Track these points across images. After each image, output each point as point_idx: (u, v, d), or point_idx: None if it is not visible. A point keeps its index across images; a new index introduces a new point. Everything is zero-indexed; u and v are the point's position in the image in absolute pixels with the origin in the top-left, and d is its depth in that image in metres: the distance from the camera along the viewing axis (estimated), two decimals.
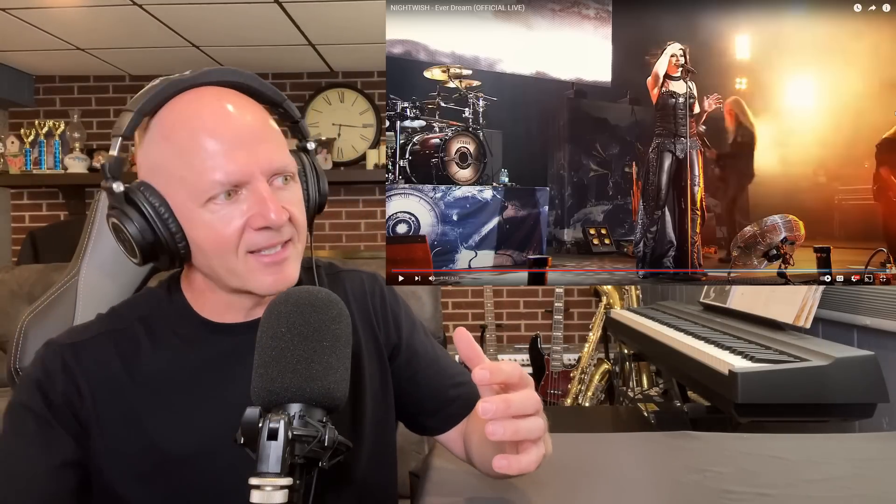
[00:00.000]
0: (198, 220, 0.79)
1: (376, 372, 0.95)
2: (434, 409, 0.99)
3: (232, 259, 0.80)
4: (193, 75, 0.82)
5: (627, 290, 3.54)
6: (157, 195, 0.79)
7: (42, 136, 3.92)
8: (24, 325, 1.04)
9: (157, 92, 0.80)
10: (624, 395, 3.16)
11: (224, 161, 0.77)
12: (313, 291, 0.71)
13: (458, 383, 1.00)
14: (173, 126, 0.80)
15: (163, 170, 0.80)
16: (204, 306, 0.88)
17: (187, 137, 0.78)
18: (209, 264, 0.82)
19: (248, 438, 0.61)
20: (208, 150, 0.77)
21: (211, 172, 0.77)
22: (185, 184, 0.78)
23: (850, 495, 0.87)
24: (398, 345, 0.98)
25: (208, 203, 0.78)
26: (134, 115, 0.78)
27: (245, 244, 0.79)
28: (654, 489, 0.91)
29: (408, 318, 1.01)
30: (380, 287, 1.00)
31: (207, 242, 0.79)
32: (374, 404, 0.94)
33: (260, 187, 0.78)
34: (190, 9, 3.00)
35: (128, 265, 1.09)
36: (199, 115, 0.79)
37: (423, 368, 0.99)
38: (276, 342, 0.66)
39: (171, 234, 0.79)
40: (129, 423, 0.81)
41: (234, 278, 0.82)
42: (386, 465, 0.98)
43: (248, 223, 0.79)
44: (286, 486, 0.59)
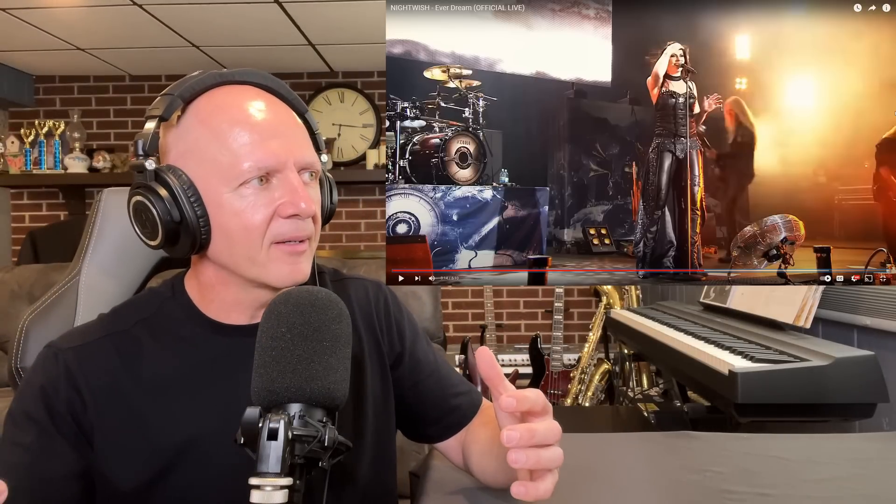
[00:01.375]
0: (227, 204, 0.79)
1: (378, 379, 0.95)
2: (434, 419, 0.99)
3: (256, 247, 0.80)
4: (233, 71, 0.85)
5: (627, 290, 3.54)
6: (187, 177, 0.79)
7: (42, 136, 3.92)
8: (24, 325, 1.04)
9: (197, 80, 0.82)
10: (624, 395, 3.16)
11: (260, 146, 0.79)
12: (313, 291, 0.71)
13: (458, 393, 1.00)
14: (212, 112, 0.81)
15: (196, 153, 0.80)
16: (209, 305, 0.87)
17: (225, 122, 0.80)
18: (230, 252, 0.81)
19: (248, 438, 0.61)
20: (245, 134, 0.79)
21: (246, 156, 0.78)
22: (219, 167, 0.79)
23: (850, 495, 0.87)
24: (401, 354, 0.98)
25: (240, 188, 0.79)
26: (174, 99, 0.80)
27: (271, 233, 0.80)
28: (654, 489, 0.91)
29: (411, 327, 1.01)
30: (384, 296, 1.00)
31: (235, 228, 0.79)
32: (376, 411, 0.94)
33: (292, 177, 0.80)
34: (190, 9, 3.00)
35: (129, 265, 1.09)
36: (237, 103, 0.82)
37: (424, 377, 1.00)
38: (276, 342, 0.66)
39: (196, 216, 0.79)
40: (132, 427, 0.81)
41: (253, 268, 0.81)
42: (387, 469, 0.98)
43: (277, 211, 0.79)
44: (286, 486, 0.59)
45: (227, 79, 0.84)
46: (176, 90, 0.81)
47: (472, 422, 0.99)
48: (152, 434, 0.81)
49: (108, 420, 0.81)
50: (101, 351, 0.83)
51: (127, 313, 0.89)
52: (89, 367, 0.82)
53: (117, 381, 0.82)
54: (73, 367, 0.81)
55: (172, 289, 0.90)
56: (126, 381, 0.82)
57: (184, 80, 0.83)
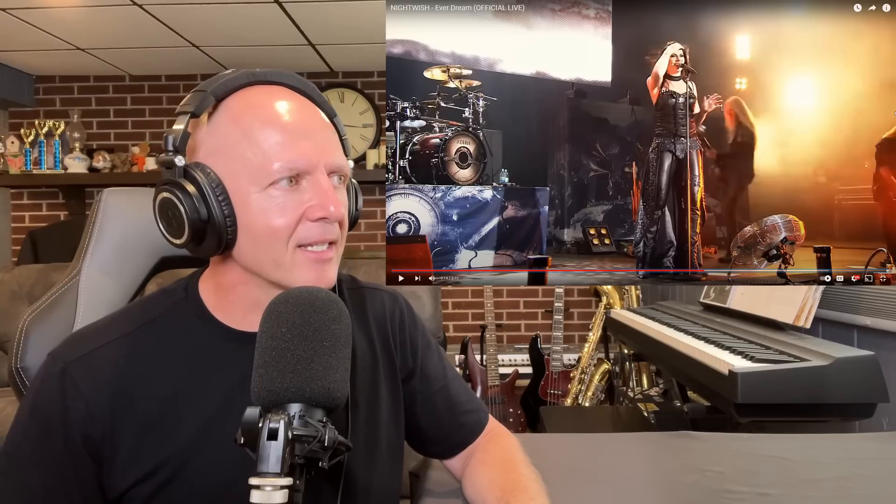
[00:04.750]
0: (255, 204, 0.77)
1: (390, 390, 0.95)
2: (441, 436, 0.99)
3: (281, 249, 0.78)
4: (266, 71, 0.84)
5: (627, 290, 3.54)
6: (216, 175, 0.78)
7: (42, 136, 3.92)
8: (25, 325, 1.04)
9: (230, 79, 0.81)
10: (624, 395, 3.16)
11: (291, 147, 0.77)
12: (313, 291, 0.71)
13: (466, 411, 1.00)
14: (244, 110, 0.80)
15: (226, 151, 0.79)
16: (225, 308, 0.85)
17: (257, 120, 0.78)
18: (254, 253, 0.80)
19: (248, 438, 0.61)
20: (276, 134, 0.78)
21: (276, 156, 0.77)
22: (248, 166, 0.77)
23: (850, 495, 0.87)
24: (413, 370, 0.98)
25: (269, 188, 0.77)
26: (206, 95, 0.79)
27: (297, 236, 0.78)
28: (654, 489, 0.91)
29: (424, 342, 1.01)
30: (399, 309, 0.99)
31: (261, 228, 0.78)
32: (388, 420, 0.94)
33: (321, 179, 0.79)
34: (190, 9, 3.00)
35: (129, 265, 1.09)
36: (269, 103, 0.80)
37: (434, 394, 0.99)
38: (276, 342, 0.66)
39: (224, 215, 0.77)
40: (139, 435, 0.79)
41: (277, 270, 0.80)
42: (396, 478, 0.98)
43: (305, 214, 0.78)
44: (286, 486, 0.59)
45: (259, 78, 0.83)
46: (208, 87, 0.80)
47: (476, 442, 0.99)
48: (158, 441, 0.79)
49: (117, 428, 0.79)
50: (107, 358, 0.81)
51: (134, 314, 0.86)
52: (96, 377, 0.79)
53: (124, 388, 0.80)
54: (81, 382, 0.78)
55: (185, 290, 0.87)
56: (133, 387, 0.80)
57: (216, 78, 0.81)
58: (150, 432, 0.79)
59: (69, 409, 0.77)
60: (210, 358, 0.83)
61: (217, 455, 0.78)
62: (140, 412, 0.79)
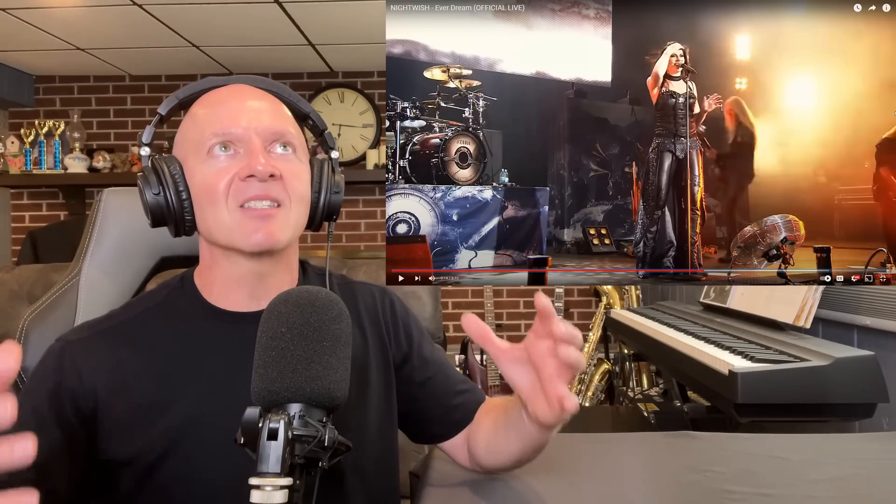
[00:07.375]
0: (198, 173, 0.85)
1: (382, 382, 0.97)
2: (440, 416, 1.00)
3: (223, 210, 0.84)
4: (232, 76, 0.94)
5: (627, 290, 3.54)
6: (175, 162, 0.87)
7: (42, 136, 3.92)
8: (25, 325, 1.04)
9: (196, 84, 0.92)
10: (624, 395, 3.16)
11: (224, 117, 0.86)
12: (313, 291, 0.71)
13: (462, 390, 1.02)
14: (197, 105, 0.91)
15: (181, 140, 0.89)
16: (211, 290, 0.91)
17: (202, 107, 0.90)
18: (205, 220, 0.86)
19: (248, 438, 0.61)
20: (213, 110, 0.87)
21: (209, 126, 0.86)
22: (193, 144, 0.86)
23: (850, 495, 0.87)
24: (408, 354, 1.00)
25: (207, 158, 0.85)
26: (170, 98, 0.91)
27: (234, 195, 0.84)
28: (654, 489, 0.91)
29: (417, 328, 1.04)
30: (389, 299, 1.03)
31: (202, 192, 0.85)
32: (379, 410, 0.95)
33: (254, 140, 0.85)
34: (190, 9, 3.00)
35: (129, 265, 1.10)
36: (218, 93, 0.91)
37: (432, 376, 1.01)
38: (276, 342, 0.66)
39: (177, 191, 0.85)
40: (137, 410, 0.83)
41: (223, 231, 0.85)
42: (390, 467, 1.00)
43: (237, 173, 0.84)
44: (286, 486, 0.59)
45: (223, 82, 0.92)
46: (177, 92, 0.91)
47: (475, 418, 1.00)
48: (156, 416, 0.83)
49: (114, 405, 0.83)
50: (107, 340, 0.87)
51: (134, 304, 0.94)
52: (96, 355, 0.85)
53: (122, 367, 0.85)
54: (78, 357, 0.85)
55: (181, 280, 0.95)
56: (131, 366, 0.85)
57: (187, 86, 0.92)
58: (146, 408, 0.83)
59: (64, 380, 0.83)
60: (202, 336, 0.88)
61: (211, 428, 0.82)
62: (136, 389, 0.84)
